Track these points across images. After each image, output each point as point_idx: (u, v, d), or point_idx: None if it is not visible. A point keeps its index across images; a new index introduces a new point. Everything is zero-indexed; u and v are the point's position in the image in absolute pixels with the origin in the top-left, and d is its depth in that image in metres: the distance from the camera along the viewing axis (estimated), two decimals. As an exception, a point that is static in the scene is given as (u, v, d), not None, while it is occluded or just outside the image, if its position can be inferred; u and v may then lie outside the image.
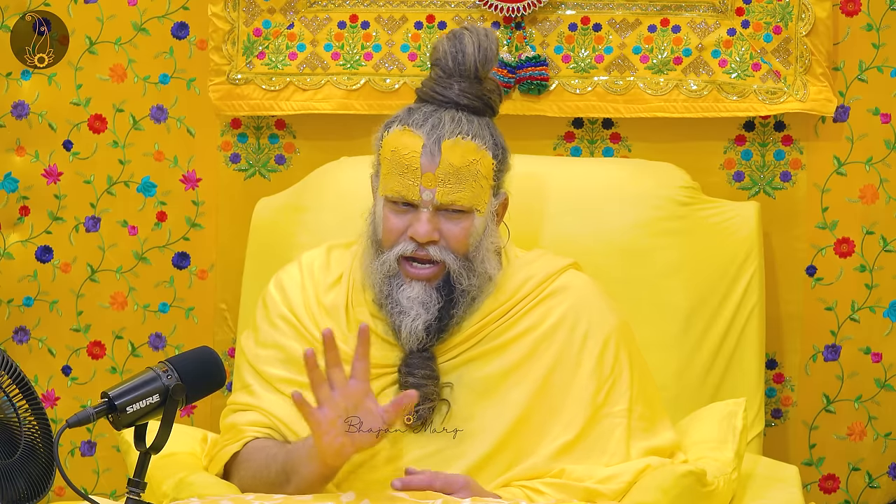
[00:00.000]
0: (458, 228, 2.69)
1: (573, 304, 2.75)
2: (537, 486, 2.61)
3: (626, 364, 2.73)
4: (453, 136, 2.68)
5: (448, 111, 2.71)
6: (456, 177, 2.67)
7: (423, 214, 2.67)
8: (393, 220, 2.70)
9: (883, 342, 3.36)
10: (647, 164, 3.26)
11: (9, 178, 3.51)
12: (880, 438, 3.37)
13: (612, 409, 2.69)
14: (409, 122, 2.70)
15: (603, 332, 2.73)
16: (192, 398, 2.44)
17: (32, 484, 2.41)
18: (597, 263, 3.02)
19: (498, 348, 2.72)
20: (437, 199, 2.66)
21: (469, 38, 2.74)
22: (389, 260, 2.69)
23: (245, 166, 3.47)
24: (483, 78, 2.75)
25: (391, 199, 2.69)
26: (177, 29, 3.46)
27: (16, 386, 2.44)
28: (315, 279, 2.81)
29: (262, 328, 2.80)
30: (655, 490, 2.55)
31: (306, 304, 2.78)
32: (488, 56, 2.74)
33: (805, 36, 3.25)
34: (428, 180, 2.67)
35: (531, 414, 2.67)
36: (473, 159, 2.68)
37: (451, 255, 2.69)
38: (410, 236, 2.68)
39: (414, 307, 2.68)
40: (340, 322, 2.75)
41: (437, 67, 2.75)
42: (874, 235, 3.33)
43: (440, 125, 2.68)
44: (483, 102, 2.74)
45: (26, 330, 3.55)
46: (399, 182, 2.68)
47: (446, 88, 2.73)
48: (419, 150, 2.67)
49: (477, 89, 2.73)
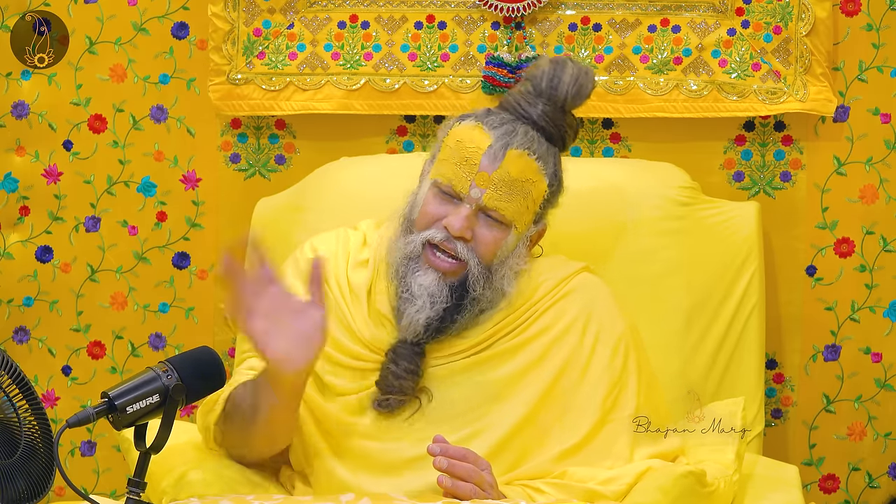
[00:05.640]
0: (490, 236, 2.70)
1: (585, 304, 2.76)
2: (539, 485, 2.61)
3: (635, 369, 2.73)
4: (521, 148, 2.69)
5: (524, 125, 2.72)
6: (508, 186, 2.68)
7: (463, 209, 2.68)
8: (433, 204, 2.71)
9: (883, 342, 3.36)
10: (647, 164, 3.26)
11: (9, 178, 3.51)
12: (880, 438, 3.37)
13: (619, 414, 2.69)
14: (485, 120, 2.72)
15: (613, 337, 2.74)
16: (192, 398, 2.44)
17: (32, 484, 2.41)
18: (597, 264, 3.02)
19: (511, 350, 2.72)
20: (483, 201, 2.67)
21: (570, 69, 2.76)
22: (416, 241, 2.70)
23: (245, 166, 3.47)
24: (567, 110, 2.77)
25: (439, 184, 2.70)
26: (177, 29, 3.46)
27: (16, 386, 2.44)
28: (348, 253, 2.82)
29: (289, 280, 2.74)
30: (655, 491, 2.55)
31: (337, 276, 2.79)
32: (581, 92, 2.76)
33: (805, 36, 3.25)
34: (482, 179, 2.68)
35: (538, 414, 2.68)
36: (530, 178, 2.70)
37: (475, 259, 2.69)
38: (444, 225, 2.68)
39: (422, 297, 2.68)
40: (362, 305, 2.76)
41: (530, 83, 2.77)
42: (874, 235, 3.33)
43: (513, 134, 2.70)
44: (559, 132, 2.76)
45: (26, 330, 3.55)
46: (453, 171, 2.69)
47: (531, 105, 2.74)
48: (484, 149, 2.68)
49: (558, 117, 2.75)
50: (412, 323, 2.68)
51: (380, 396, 2.69)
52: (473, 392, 2.70)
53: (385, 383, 2.68)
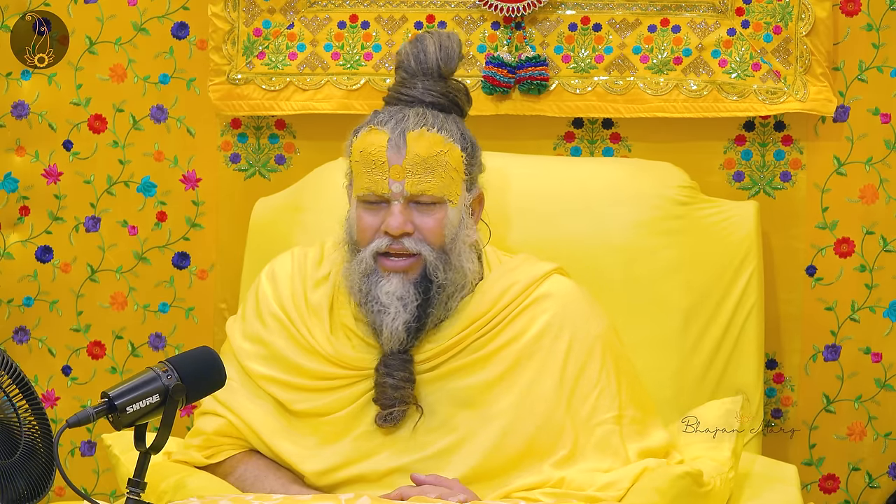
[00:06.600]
0: (431, 220, 2.70)
1: (557, 312, 2.74)
2: (538, 496, 2.60)
3: (613, 370, 2.73)
4: (417, 127, 2.69)
5: (413, 108, 2.73)
6: (423, 167, 2.68)
7: (394, 207, 2.68)
8: (366, 218, 2.71)
9: (883, 342, 3.36)
10: (647, 163, 3.26)
11: (9, 178, 3.51)
12: (880, 438, 3.37)
13: (603, 416, 2.69)
14: (375, 121, 2.73)
15: (587, 341, 2.73)
16: (192, 398, 2.44)
17: (32, 484, 2.41)
18: (596, 263, 3.02)
19: (482, 359, 2.71)
20: (407, 190, 2.67)
21: (430, 39, 2.78)
22: (366, 257, 2.70)
23: (245, 166, 3.47)
24: (447, 76, 2.78)
25: (363, 197, 2.71)
26: (177, 29, 3.46)
27: (16, 386, 2.44)
28: (305, 273, 2.82)
29: (249, 320, 2.82)
30: (652, 492, 2.55)
31: (294, 298, 2.79)
32: (450, 54, 2.77)
33: (805, 36, 3.25)
34: (395, 172, 2.68)
35: (516, 425, 2.67)
36: (440, 150, 2.69)
37: (428, 247, 2.69)
38: (384, 230, 2.68)
39: (393, 304, 2.68)
40: (324, 322, 2.76)
41: (401, 70, 2.78)
42: (874, 235, 3.33)
43: (404, 119, 2.71)
44: (448, 100, 2.76)
45: (26, 330, 3.56)
46: (368, 179, 2.69)
47: (410, 88, 2.75)
48: (384, 145, 2.69)
49: (441, 87, 2.76)
50: (393, 332, 2.68)
51: (382, 412, 2.68)
52: (449, 401, 2.70)
53: (385, 397, 2.68)
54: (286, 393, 2.73)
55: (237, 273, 3.33)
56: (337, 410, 2.71)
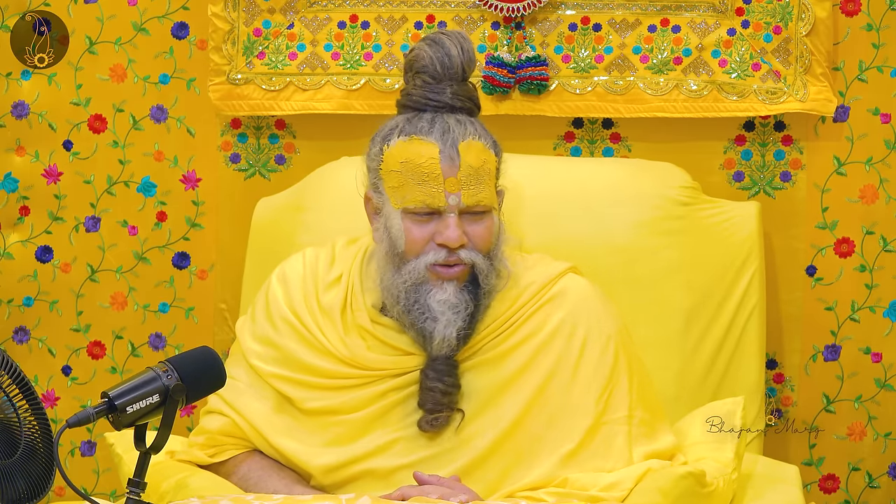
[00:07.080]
0: (482, 228, 2.69)
1: (571, 309, 2.74)
2: (541, 495, 2.59)
3: (625, 369, 2.73)
4: (465, 137, 2.68)
5: (446, 115, 2.71)
6: (475, 177, 2.67)
7: (450, 220, 2.66)
8: (416, 230, 2.68)
9: (883, 342, 3.36)
10: (647, 164, 3.26)
11: (9, 178, 3.51)
12: (880, 438, 3.37)
13: (612, 416, 2.69)
14: (416, 130, 2.69)
15: (601, 339, 2.73)
16: (192, 398, 2.44)
17: (32, 484, 2.41)
18: (597, 263, 3.02)
19: (497, 357, 2.71)
20: (463, 202, 2.66)
21: (450, 42, 2.74)
22: (418, 269, 2.67)
23: (245, 166, 3.47)
24: (467, 79, 2.76)
25: (414, 209, 2.67)
26: (177, 29, 3.46)
27: (16, 386, 2.44)
28: (317, 275, 2.81)
29: (259, 323, 2.81)
30: (655, 492, 2.55)
31: (307, 300, 2.78)
32: (471, 57, 2.76)
33: (805, 36, 3.25)
34: (451, 185, 2.66)
35: (526, 421, 2.67)
36: (485, 159, 2.69)
37: (479, 256, 2.68)
38: (440, 243, 2.66)
39: (446, 312, 2.66)
40: (336, 324, 2.75)
41: (425, 74, 2.73)
42: (874, 235, 3.33)
43: (449, 129, 2.68)
44: (473, 103, 2.75)
45: (26, 330, 3.55)
46: (421, 191, 2.66)
47: (440, 94, 2.72)
48: (437, 157, 2.66)
49: (465, 90, 2.75)
50: (445, 339, 2.66)
51: (428, 416, 2.67)
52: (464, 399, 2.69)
53: (433, 402, 2.66)
54: (297, 391, 2.72)
55: (237, 273, 3.33)
56: (353, 410, 2.70)
